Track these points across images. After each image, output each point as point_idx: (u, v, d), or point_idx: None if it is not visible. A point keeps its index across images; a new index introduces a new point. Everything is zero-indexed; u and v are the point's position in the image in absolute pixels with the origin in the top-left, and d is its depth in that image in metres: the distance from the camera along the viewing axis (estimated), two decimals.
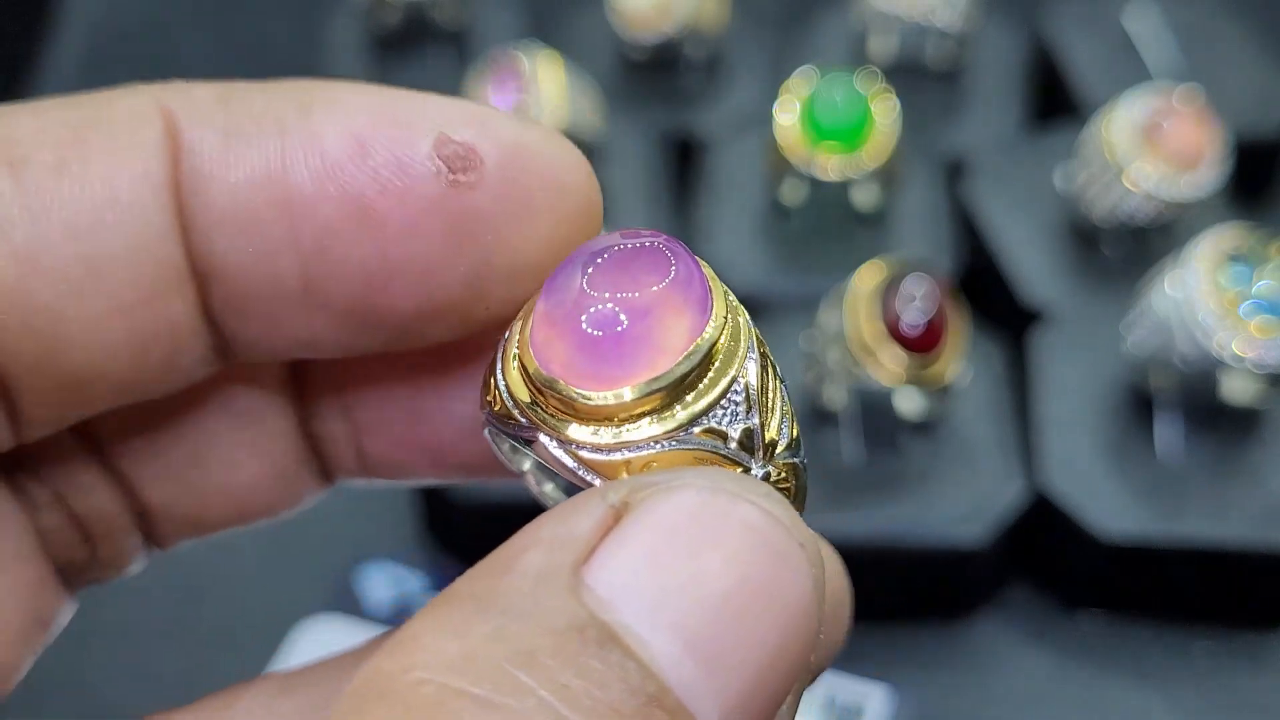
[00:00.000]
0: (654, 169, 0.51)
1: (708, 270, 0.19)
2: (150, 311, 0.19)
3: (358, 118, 0.19)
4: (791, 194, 0.48)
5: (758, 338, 0.19)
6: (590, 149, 0.47)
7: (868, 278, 0.40)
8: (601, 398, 0.18)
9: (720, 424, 0.18)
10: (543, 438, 0.19)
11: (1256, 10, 0.56)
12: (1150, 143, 0.45)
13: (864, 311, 0.39)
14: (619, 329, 0.18)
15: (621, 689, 0.15)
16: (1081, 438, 0.42)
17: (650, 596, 0.16)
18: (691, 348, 0.18)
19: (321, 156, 0.19)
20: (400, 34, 0.56)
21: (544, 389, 0.18)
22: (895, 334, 0.39)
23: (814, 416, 0.42)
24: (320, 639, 0.42)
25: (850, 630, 0.23)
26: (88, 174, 0.18)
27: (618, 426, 0.18)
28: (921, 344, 0.39)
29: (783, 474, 0.19)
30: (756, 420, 0.18)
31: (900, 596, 0.43)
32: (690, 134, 0.53)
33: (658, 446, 0.18)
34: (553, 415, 0.18)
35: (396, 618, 0.43)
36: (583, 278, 0.18)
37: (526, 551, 0.16)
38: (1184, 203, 0.45)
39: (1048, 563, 0.43)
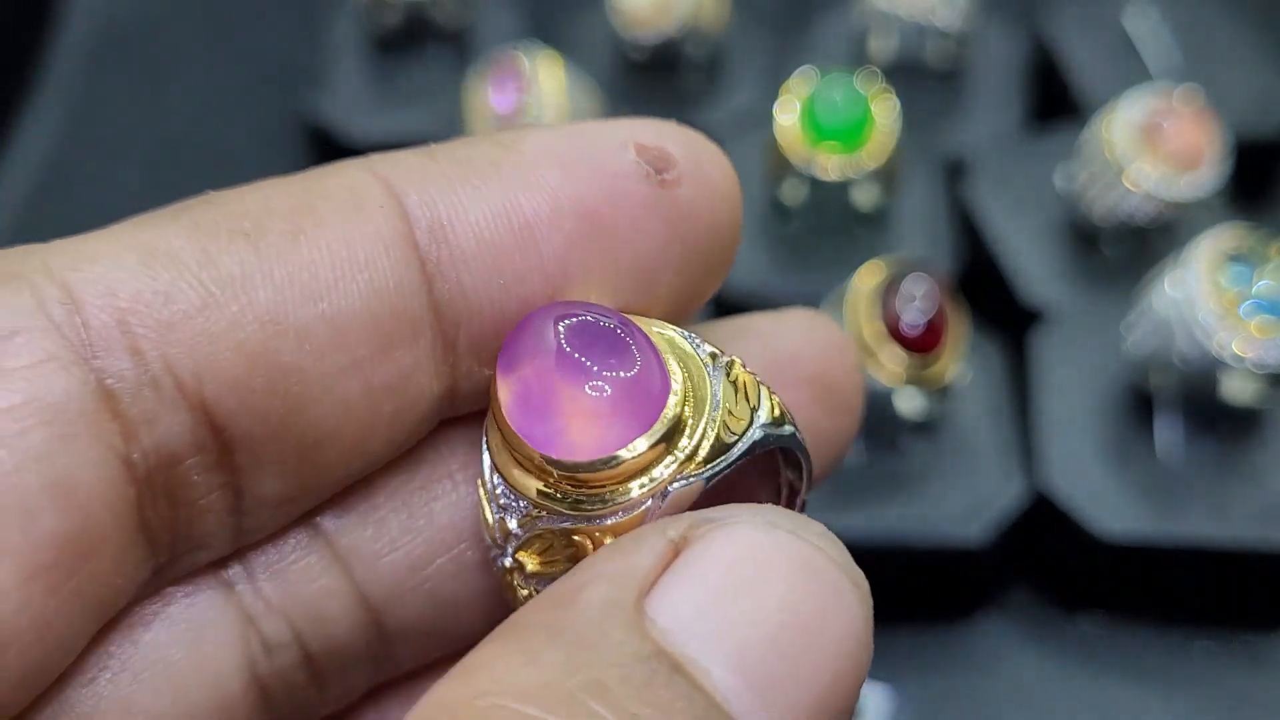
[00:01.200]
0: None
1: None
2: (385, 364, 0.20)
3: (558, 146, 0.20)
4: (791, 194, 0.48)
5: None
6: None
7: (868, 278, 0.40)
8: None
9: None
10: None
11: (1256, 10, 0.56)
12: (1150, 143, 0.45)
13: (864, 311, 0.39)
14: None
15: (687, 718, 0.16)
16: (1081, 438, 0.42)
17: (711, 629, 0.16)
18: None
19: (543, 181, 0.20)
20: (400, 34, 0.56)
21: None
22: (895, 334, 0.39)
23: None
24: None
25: None
26: (322, 238, 0.19)
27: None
28: (921, 344, 0.39)
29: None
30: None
31: (900, 596, 0.43)
32: None
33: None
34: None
35: None
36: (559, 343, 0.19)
37: (589, 585, 0.17)
38: (1184, 203, 0.45)
39: (1048, 563, 0.43)
